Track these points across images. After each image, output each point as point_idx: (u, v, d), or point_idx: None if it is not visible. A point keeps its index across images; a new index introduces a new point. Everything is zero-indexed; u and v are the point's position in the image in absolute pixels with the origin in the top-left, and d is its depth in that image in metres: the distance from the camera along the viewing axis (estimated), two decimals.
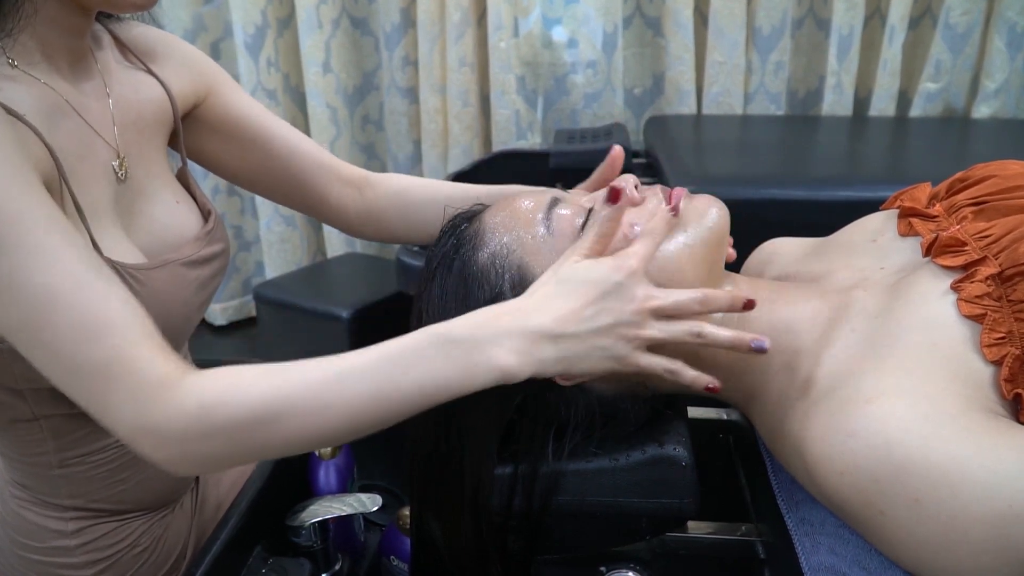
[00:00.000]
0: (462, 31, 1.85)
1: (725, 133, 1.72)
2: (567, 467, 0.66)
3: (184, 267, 0.70)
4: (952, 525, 0.50)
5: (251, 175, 0.85)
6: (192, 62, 0.80)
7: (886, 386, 0.55)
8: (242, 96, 0.83)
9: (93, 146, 0.66)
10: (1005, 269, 0.58)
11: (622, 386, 0.67)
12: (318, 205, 0.86)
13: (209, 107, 0.81)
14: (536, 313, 0.56)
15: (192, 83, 0.79)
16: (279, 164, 0.84)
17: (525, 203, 0.67)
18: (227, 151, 0.83)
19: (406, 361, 0.54)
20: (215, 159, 0.83)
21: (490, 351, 0.54)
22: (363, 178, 0.87)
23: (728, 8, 1.78)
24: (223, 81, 0.82)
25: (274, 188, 0.86)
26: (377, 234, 0.88)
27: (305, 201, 0.86)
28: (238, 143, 0.82)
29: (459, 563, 0.69)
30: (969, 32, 1.75)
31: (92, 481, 0.72)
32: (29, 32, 0.61)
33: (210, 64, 0.82)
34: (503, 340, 0.55)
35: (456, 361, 0.54)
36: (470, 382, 0.54)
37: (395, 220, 0.86)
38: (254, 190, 0.87)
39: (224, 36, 2.00)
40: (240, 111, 0.82)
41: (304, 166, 0.84)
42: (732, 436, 0.88)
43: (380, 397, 0.53)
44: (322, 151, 0.86)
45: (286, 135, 0.84)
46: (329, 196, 0.86)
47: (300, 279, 1.87)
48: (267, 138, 0.83)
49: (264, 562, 0.74)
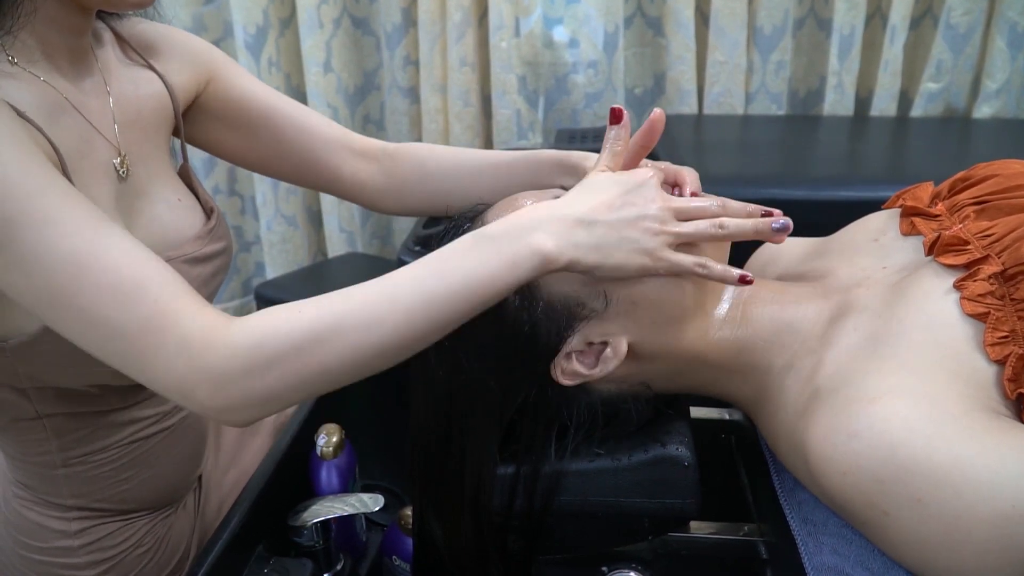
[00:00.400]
0: (463, 31, 1.85)
1: (726, 133, 1.72)
2: (569, 467, 0.66)
3: (186, 265, 0.70)
4: (955, 525, 0.50)
5: (260, 158, 0.83)
6: (192, 52, 0.79)
7: (889, 386, 0.55)
8: (244, 78, 0.82)
9: (94, 144, 0.66)
10: (1008, 268, 0.58)
11: (624, 386, 0.67)
12: (333, 182, 0.85)
13: (211, 93, 0.80)
14: (568, 205, 0.58)
15: (193, 73, 0.78)
16: (287, 144, 0.82)
17: (527, 203, 0.67)
18: (234, 136, 0.81)
19: (452, 262, 0.55)
20: (222, 145, 0.82)
21: (529, 237, 0.55)
22: (380, 149, 0.85)
23: (729, 8, 1.78)
24: (224, 65, 0.81)
25: (286, 169, 0.84)
26: (399, 206, 0.86)
27: (319, 179, 0.85)
28: (244, 126, 0.81)
29: (460, 563, 0.69)
30: (970, 32, 1.75)
31: (95, 481, 0.72)
32: (29, 30, 0.61)
33: (211, 51, 0.81)
34: (541, 225, 0.56)
35: (499, 252, 0.55)
36: (514, 271, 0.55)
37: (417, 191, 0.84)
38: (266, 172, 0.85)
39: (224, 36, 2.00)
40: (243, 93, 0.81)
41: (314, 143, 0.83)
42: (734, 436, 0.88)
43: (431, 300, 0.54)
44: (332, 125, 0.85)
45: (291, 112, 0.82)
46: (343, 171, 0.84)
47: (301, 279, 1.86)
48: (272, 118, 0.81)
49: (266, 562, 0.74)
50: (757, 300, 0.67)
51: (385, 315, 0.53)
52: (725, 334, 0.66)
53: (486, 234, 0.56)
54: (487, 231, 0.56)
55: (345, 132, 0.85)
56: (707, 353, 0.66)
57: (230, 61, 0.82)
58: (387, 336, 0.53)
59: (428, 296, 0.54)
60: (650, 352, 0.65)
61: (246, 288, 2.29)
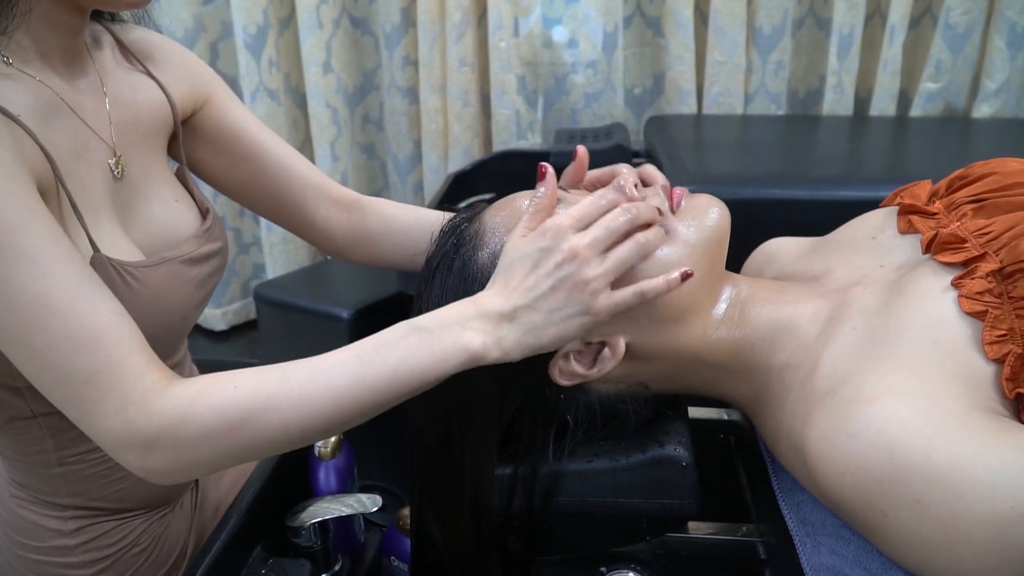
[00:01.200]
0: (462, 31, 1.85)
1: (725, 133, 1.72)
2: (567, 467, 0.66)
3: (183, 265, 0.70)
4: (954, 526, 0.49)
5: (241, 188, 0.84)
6: (192, 69, 0.80)
7: (887, 385, 0.55)
8: (239, 109, 0.83)
9: (89, 144, 0.66)
10: (1006, 266, 0.58)
11: (622, 386, 0.67)
12: (305, 225, 0.86)
13: (205, 116, 0.81)
14: (490, 300, 0.58)
15: (191, 89, 0.79)
16: (270, 180, 0.83)
17: (525, 203, 0.67)
18: (219, 162, 0.82)
19: (382, 350, 0.56)
20: (205, 167, 0.83)
21: (457, 333, 0.56)
22: (354, 201, 0.87)
23: (728, 8, 1.78)
24: (221, 92, 0.82)
25: (263, 204, 0.86)
26: (363, 257, 0.88)
27: (292, 219, 0.86)
28: (230, 155, 0.82)
29: (459, 563, 0.69)
30: (969, 32, 1.75)
31: (91, 480, 0.72)
32: (24, 30, 0.61)
33: (210, 73, 0.82)
34: (469, 323, 0.57)
35: (430, 345, 0.56)
36: (443, 365, 0.56)
37: (381, 244, 0.86)
38: (242, 203, 0.87)
39: (224, 36, 2.00)
40: (235, 124, 0.82)
41: (294, 185, 0.84)
42: (733, 436, 0.88)
43: (359, 385, 0.55)
44: (314, 171, 0.86)
45: (279, 152, 0.84)
46: (316, 216, 0.85)
47: (300, 279, 1.86)
48: (260, 154, 0.82)
49: (264, 562, 0.74)
50: (755, 300, 0.67)
51: (317, 398, 0.55)
52: (723, 334, 0.66)
53: (419, 325, 0.57)
54: (420, 322, 0.58)
55: (324, 179, 0.86)
56: (705, 353, 0.66)
57: (227, 88, 0.83)
58: (316, 418, 0.55)
59: (358, 382, 0.55)
60: (648, 352, 0.65)
61: (246, 290, 2.29)
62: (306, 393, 0.55)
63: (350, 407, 0.55)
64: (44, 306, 0.53)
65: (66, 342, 0.53)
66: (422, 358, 0.56)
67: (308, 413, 0.55)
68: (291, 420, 0.55)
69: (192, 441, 0.54)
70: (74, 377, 0.53)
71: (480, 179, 1.67)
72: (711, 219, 0.65)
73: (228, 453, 0.55)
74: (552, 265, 0.57)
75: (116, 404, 0.53)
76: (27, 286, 0.53)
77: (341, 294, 1.63)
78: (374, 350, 0.56)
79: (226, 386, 0.55)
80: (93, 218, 0.64)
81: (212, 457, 0.55)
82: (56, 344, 0.53)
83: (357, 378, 0.55)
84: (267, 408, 0.54)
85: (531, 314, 0.57)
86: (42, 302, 0.53)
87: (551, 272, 0.57)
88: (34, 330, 0.53)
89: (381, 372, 0.55)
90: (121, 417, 0.53)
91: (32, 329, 0.53)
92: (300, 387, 0.55)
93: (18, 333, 0.54)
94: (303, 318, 1.62)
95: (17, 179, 0.55)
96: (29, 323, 0.53)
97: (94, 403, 0.54)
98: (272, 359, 0.59)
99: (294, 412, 0.55)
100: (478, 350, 0.56)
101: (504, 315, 0.57)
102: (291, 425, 0.55)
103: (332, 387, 0.55)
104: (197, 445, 0.54)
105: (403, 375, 0.56)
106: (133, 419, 0.53)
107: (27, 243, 0.53)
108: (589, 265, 0.57)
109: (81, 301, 0.54)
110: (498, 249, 0.64)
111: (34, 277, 0.53)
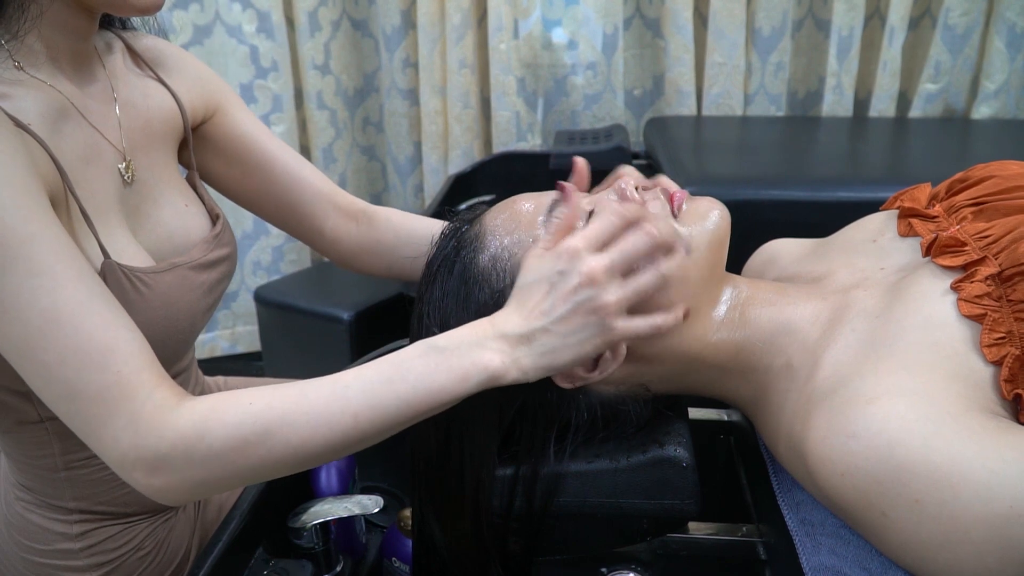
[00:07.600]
0: (462, 33, 1.85)
1: (725, 134, 1.72)
2: (568, 468, 0.66)
3: (192, 271, 0.70)
4: (954, 526, 0.50)
5: (250, 197, 0.85)
6: (203, 78, 0.80)
7: (887, 386, 0.55)
8: (249, 118, 0.83)
9: (98, 148, 0.66)
10: (1005, 269, 0.58)
11: (623, 387, 0.67)
12: (314, 234, 0.86)
13: (216, 125, 0.81)
14: (507, 320, 0.58)
15: (202, 98, 0.79)
16: (279, 190, 0.83)
17: (526, 205, 0.67)
18: (229, 171, 0.83)
19: (402, 370, 0.55)
20: (214, 175, 0.83)
21: (477, 354, 0.56)
22: (361, 211, 0.87)
23: (728, 9, 1.79)
24: (232, 101, 0.83)
25: (271, 211, 0.86)
26: (369, 266, 0.88)
27: (300, 227, 0.86)
28: (240, 164, 0.82)
29: (460, 564, 0.69)
30: (969, 33, 1.75)
31: (97, 484, 0.72)
32: (35, 34, 0.61)
33: (220, 83, 0.82)
34: (487, 343, 0.56)
35: (448, 365, 0.55)
36: (463, 384, 0.55)
37: (388, 253, 0.86)
38: (250, 208, 0.87)
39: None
40: (246, 133, 0.82)
41: (304, 195, 0.84)
42: (733, 437, 0.88)
43: (379, 405, 0.54)
44: (324, 180, 0.86)
45: (288, 161, 0.84)
46: (324, 225, 0.86)
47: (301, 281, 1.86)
48: (270, 163, 0.83)
49: (266, 564, 0.74)
50: (755, 301, 0.68)
51: (334, 416, 0.54)
52: (723, 335, 0.66)
53: (436, 345, 0.57)
54: (437, 342, 0.57)
55: (334, 188, 0.87)
56: (705, 354, 0.66)
57: (237, 98, 0.84)
58: (333, 437, 0.54)
59: (376, 401, 0.55)
60: (649, 354, 0.65)
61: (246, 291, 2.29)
62: (324, 410, 0.54)
63: (367, 425, 0.55)
64: (54, 320, 0.52)
65: (76, 357, 0.53)
66: (441, 377, 0.55)
67: (326, 431, 0.54)
68: (308, 437, 0.54)
69: (203, 459, 0.53)
70: (83, 392, 0.53)
71: (480, 181, 1.67)
72: (711, 221, 0.66)
73: (238, 472, 0.54)
74: (569, 289, 0.56)
75: (125, 420, 0.53)
76: (38, 300, 0.52)
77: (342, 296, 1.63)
78: (393, 368, 0.56)
79: (241, 402, 0.54)
80: (103, 223, 0.64)
81: (222, 476, 0.54)
82: (66, 359, 0.52)
83: (376, 396, 0.55)
84: (283, 424, 0.53)
85: (548, 337, 0.56)
86: (52, 316, 0.52)
87: (567, 296, 0.56)
88: (44, 344, 0.52)
89: (400, 391, 0.55)
90: (130, 434, 0.53)
91: (42, 343, 0.52)
92: (318, 404, 0.54)
93: (28, 346, 0.53)
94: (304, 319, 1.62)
95: (29, 191, 0.55)
96: (39, 337, 0.52)
97: (102, 419, 0.53)
98: (273, 360, 0.59)
99: (311, 429, 0.54)
100: (498, 369, 0.56)
101: (522, 337, 0.57)
102: (308, 442, 0.54)
103: (351, 406, 0.54)
104: (208, 463, 0.53)
105: (422, 394, 0.55)
106: (143, 436, 0.52)
107: (39, 256, 0.53)
108: (606, 291, 0.56)
109: (92, 316, 0.54)
110: (498, 252, 0.65)
111: (45, 291, 0.53)
